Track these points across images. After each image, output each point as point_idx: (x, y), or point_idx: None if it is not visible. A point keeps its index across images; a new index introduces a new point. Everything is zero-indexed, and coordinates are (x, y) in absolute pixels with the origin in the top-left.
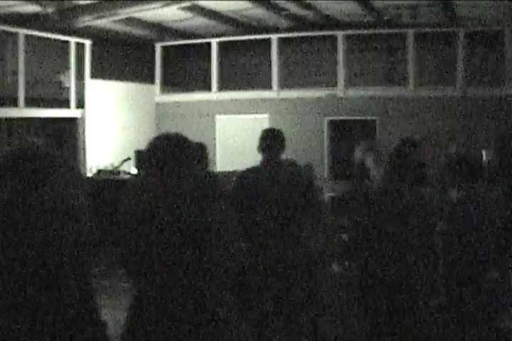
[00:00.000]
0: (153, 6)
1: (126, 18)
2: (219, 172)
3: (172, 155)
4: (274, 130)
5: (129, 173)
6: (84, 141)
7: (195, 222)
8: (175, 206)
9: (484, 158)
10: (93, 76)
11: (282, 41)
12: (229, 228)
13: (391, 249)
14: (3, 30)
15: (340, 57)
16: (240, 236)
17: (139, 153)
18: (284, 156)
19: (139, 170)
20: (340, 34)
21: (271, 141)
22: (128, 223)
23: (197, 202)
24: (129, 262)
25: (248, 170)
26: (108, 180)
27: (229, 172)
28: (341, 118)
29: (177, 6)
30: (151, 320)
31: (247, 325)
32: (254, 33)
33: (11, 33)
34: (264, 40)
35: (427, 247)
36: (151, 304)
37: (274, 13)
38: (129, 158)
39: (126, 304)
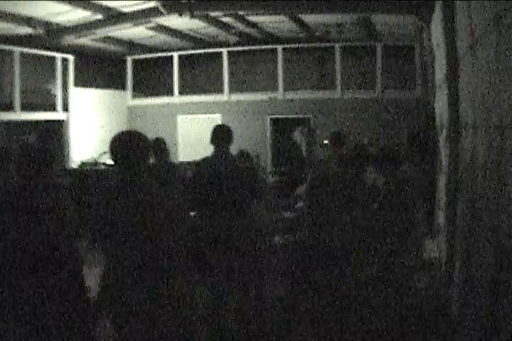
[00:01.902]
0: (124, 26)
1: (103, 37)
2: (181, 162)
3: (128, 148)
4: (223, 126)
5: (106, 164)
6: (69, 139)
7: (150, 201)
8: (133, 188)
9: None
10: (76, 85)
11: (231, 54)
12: (180, 206)
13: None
14: (1, 49)
15: (280, 66)
16: (193, 213)
17: None
18: (237, 147)
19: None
20: (279, 47)
21: (220, 135)
22: (96, 204)
23: (152, 185)
24: (97, 237)
25: (203, 159)
26: (89, 170)
27: (189, 162)
28: (281, 116)
29: (144, 25)
30: (117, 284)
31: (203, 287)
32: (209, 47)
33: (8, 51)
34: (216, 53)
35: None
36: (116, 271)
37: (225, 30)
38: (105, 152)
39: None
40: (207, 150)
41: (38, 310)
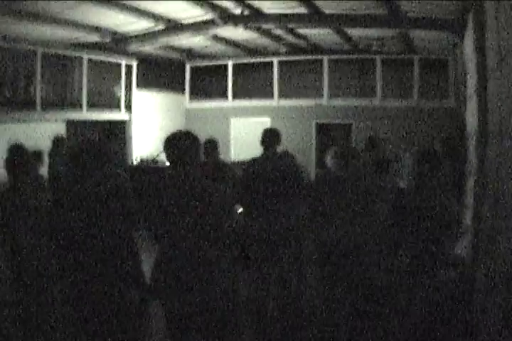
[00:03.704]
0: (183, 36)
1: (164, 45)
2: (232, 161)
3: (180, 146)
4: (272, 129)
5: (162, 162)
6: (131, 138)
7: (199, 196)
8: (184, 183)
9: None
10: (138, 88)
11: (281, 63)
12: (228, 201)
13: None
14: (72, 55)
15: (325, 75)
16: (243, 208)
17: None
18: (284, 148)
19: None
20: (325, 58)
21: (269, 137)
22: (153, 200)
23: (202, 181)
24: (152, 228)
25: (252, 159)
26: (148, 167)
27: (239, 161)
28: (325, 121)
29: (202, 35)
30: (169, 271)
31: (244, 275)
32: (261, 57)
33: (78, 57)
34: (267, 62)
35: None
36: (169, 259)
37: (276, 41)
38: (162, 151)
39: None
40: (257, 150)
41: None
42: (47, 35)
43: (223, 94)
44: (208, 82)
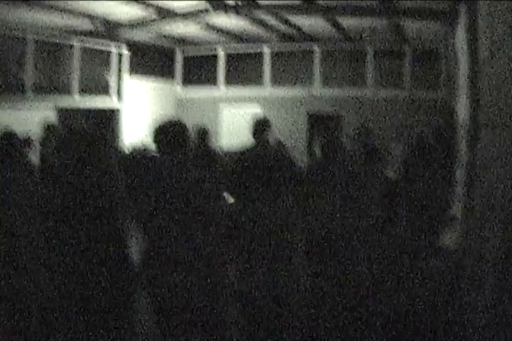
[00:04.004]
0: (175, 24)
1: (157, 33)
2: (223, 150)
3: (169, 136)
4: (262, 118)
5: (153, 151)
6: (121, 126)
7: (190, 186)
8: (173, 172)
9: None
10: (130, 76)
11: (273, 51)
12: (217, 191)
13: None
14: (63, 42)
15: (317, 64)
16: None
17: None
18: (277, 137)
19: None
20: (316, 47)
21: (259, 127)
22: (141, 189)
23: (191, 170)
24: (142, 218)
25: (242, 149)
26: (138, 156)
27: (230, 150)
28: (316, 111)
29: (194, 23)
30: (155, 261)
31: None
32: (252, 45)
33: (70, 45)
34: (259, 51)
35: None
36: (156, 249)
37: (267, 30)
38: None
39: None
40: (247, 140)
41: (86, 280)
42: (39, 22)
43: (215, 83)
44: (199, 70)
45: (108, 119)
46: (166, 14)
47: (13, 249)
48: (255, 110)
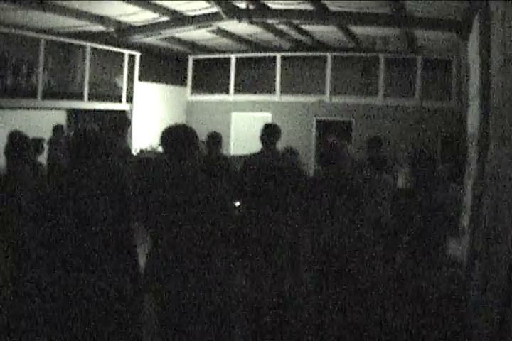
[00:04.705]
0: (187, 28)
1: (168, 37)
2: (232, 156)
3: (177, 140)
4: (271, 124)
5: (161, 153)
6: (131, 128)
7: (195, 190)
8: (180, 176)
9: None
10: (140, 79)
11: (284, 58)
12: (226, 196)
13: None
14: (75, 44)
15: (328, 72)
16: (241, 204)
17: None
18: (286, 144)
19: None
20: (328, 55)
21: (269, 133)
22: (148, 192)
23: (198, 175)
24: (148, 222)
25: (251, 154)
26: (147, 158)
27: (239, 156)
28: (326, 118)
29: (206, 28)
30: (163, 264)
31: (241, 272)
32: (264, 51)
33: (81, 46)
34: (271, 57)
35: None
36: (163, 252)
37: (280, 37)
38: None
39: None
40: (257, 146)
41: (93, 287)
42: (51, 23)
43: (225, 88)
44: (210, 75)
45: (118, 122)
46: (178, 17)
47: (18, 251)
48: (265, 116)
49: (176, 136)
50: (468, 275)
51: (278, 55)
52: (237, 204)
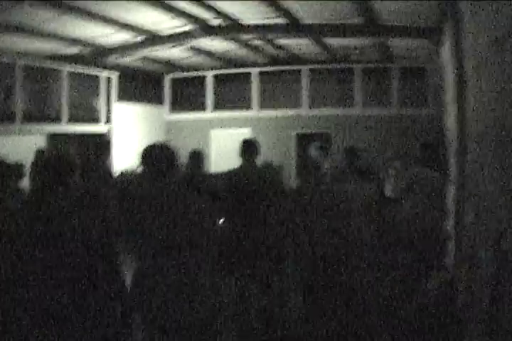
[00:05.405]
0: (162, 47)
1: (143, 57)
2: (212, 173)
3: (157, 159)
4: (250, 139)
5: (141, 174)
6: (111, 150)
7: (178, 209)
8: (161, 198)
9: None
10: (118, 100)
11: (261, 73)
12: (209, 215)
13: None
14: (51, 68)
15: (305, 85)
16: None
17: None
18: (266, 158)
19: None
20: (304, 68)
21: (247, 148)
22: (129, 212)
23: (181, 194)
24: (131, 242)
25: (231, 170)
26: (128, 180)
27: (220, 172)
28: (305, 131)
29: (181, 47)
30: (147, 284)
31: (229, 287)
32: (240, 68)
33: (58, 70)
34: (247, 72)
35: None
36: (147, 272)
37: (255, 52)
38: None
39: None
40: (237, 161)
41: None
42: (26, 47)
43: (203, 106)
44: (187, 93)
45: (97, 144)
46: (152, 37)
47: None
48: (244, 132)
49: (155, 154)
50: (455, 281)
51: (254, 71)
52: (221, 221)
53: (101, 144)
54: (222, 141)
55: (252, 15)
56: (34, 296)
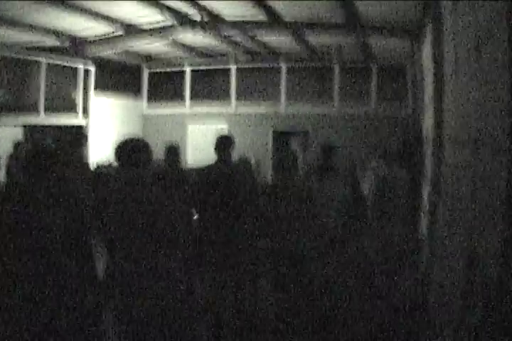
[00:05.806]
0: (142, 41)
1: (123, 51)
2: (187, 168)
3: (130, 153)
4: (224, 136)
5: (117, 167)
6: (88, 142)
7: (151, 203)
8: (134, 192)
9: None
10: (96, 94)
11: (239, 70)
12: (182, 208)
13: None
14: (30, 59)
15: (283, 82)
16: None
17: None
18: (241, 154)
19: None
20: (283, 65)
21: (223, 143)
22: (104, 204)
23: (154, 189)
24: (105, 234)
25: (206, 165)
26: (104, 172)
27: (194, 168)
28: (283, 129)
29: (161, 41)
30: (119, 276)
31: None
32: (219, 63)
33: (36, 61)
34: (226, 68)
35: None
36: (120, 265)
37: (234, 48)
38: None
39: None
40: (213, 157)
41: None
42: (4, 38)
43: (181, 100)
44: (165, 87)
45: (74, 136)
46: (132, 31)
47: None
48: (221, 126)
49: (128, 149)
50: (428, 281)
51: (233, 67)
52: (196, 216)
53: (79, 136)
54: (199, 136)
55: (233, 11)
56: (7, 284)
